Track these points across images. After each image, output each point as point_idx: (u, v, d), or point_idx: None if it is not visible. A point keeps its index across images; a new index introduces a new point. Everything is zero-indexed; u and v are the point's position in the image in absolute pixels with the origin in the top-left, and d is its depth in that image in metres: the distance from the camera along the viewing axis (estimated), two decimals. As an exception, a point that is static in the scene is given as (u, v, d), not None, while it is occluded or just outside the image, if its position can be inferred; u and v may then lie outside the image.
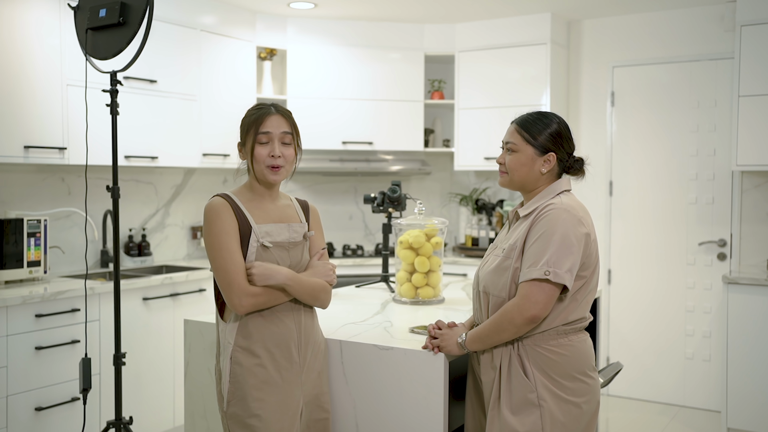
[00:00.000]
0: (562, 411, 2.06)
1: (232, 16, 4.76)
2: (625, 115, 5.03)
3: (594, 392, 2.14)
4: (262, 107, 2.21)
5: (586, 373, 2.11)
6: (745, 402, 4.04)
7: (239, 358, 2.12)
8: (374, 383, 2.28)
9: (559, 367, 2.07)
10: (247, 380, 2.11)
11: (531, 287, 2.01)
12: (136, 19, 2.95)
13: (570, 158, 2.20)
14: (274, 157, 2.16)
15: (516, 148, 2.18)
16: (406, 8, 4.87)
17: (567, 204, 2.09)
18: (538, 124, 2.17)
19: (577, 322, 2.11)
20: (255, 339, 2.12)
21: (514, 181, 2.20)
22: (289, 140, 2.20)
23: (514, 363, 2.08)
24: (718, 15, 4.69)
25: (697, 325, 4.78)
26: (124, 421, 3.12)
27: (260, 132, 2.16)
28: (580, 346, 2.11)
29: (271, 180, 2.19)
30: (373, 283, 3.52)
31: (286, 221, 2.23)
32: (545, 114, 2.21)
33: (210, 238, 2.12)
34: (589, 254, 2.08)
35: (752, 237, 4.58)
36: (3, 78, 3.50)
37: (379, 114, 5.21)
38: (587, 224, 2.10)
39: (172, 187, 4.81)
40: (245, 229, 2.14)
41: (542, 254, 2.02)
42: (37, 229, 3.68)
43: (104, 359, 3.65)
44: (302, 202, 2.36)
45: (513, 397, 2.07)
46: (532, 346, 2.08)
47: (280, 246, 2.18)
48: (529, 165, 2.16)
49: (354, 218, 5.62)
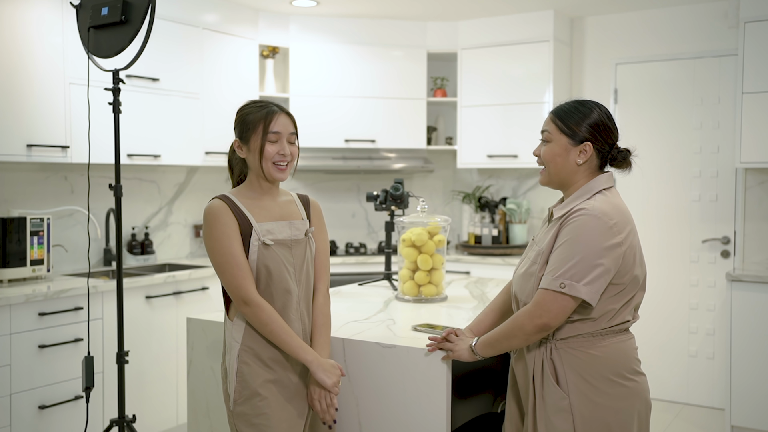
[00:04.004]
0: (596, 417, 1.96)
1: (234, 14, 4.75)
2: (629, 112, 5.02)
3: (633, 396, 2.01)
4: (264, 105, 2.22)
5: (625, 376, 2.00)
6: (749, 399, 4.03)
7: (246, 358, 2.13)
8: (377, 381, 2.27)
9: (595, 369, 1.97)
10: (255, 379, 2.11)
11: (545, 296, 1.93)
12: (138, 18, 2.95)
13: (612, 149, 2.08)
14: (284, 156, 2.18)
15: (550, 138, 2.07)
16: (408, 6, 4.87)
17: (599, 209, 1.95)
18: (574, 113, 2.05)
19: (617, 326, 2.01)
20: (262, 338, 2.13)
21: (551, 174, 2.08)
22: (294, 140, 2.24)
23: (547, 369, 2.00)
24: (721, 11, 4.68)
25: (701, 322, 4.77)
26: (127, 420, 3.12)
27: (271, 131, 2.17)
28: (619, 347, 2.00)
29: (278, 177, 2.20)
30: (376, 281, 3.52)
31: (287, 218, 2.23)
32: (583, 102, 2.09)
33: (211, 242, 2.13)
34: (625, 263, 1.95)
35: (756, 234, 4.56)
36: (5, 77, 3.51)
37: (381, 112, 5.20)
38: (622, 230, 1.95)
39: (174, 185, 4.81)
40: (246, 228, 2.14)
41: (562, 264, 1.92)
42: (40, 228, 3.69)
43: (107, 357, 3.65)
44: (303, 197, 2.36)
45: (546, 405, 1.99)
46: (566, 349, 1.99)
47: (282, 244, 2.18)
48: (564, 155, 2.04)
49: (357, 216, 5.61)
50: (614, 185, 2.10)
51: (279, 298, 2.15)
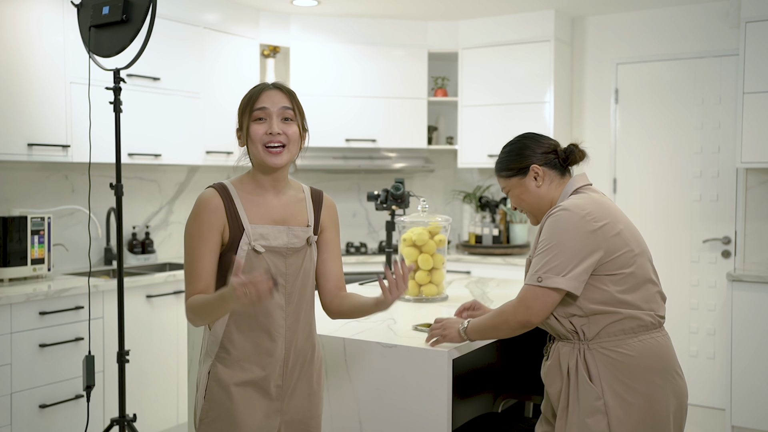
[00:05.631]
0: (631, 417, 1.96)
1: (235, 13, 4.76)
2: (629, 112, 5.02)
3: (669, 397, 2.00)
4: (259, 83, 1.99)
5: (659, 374, 2.00)
6: (750, 400, 4.03)
7: (217, 375, 1.93)
8: (378, 381, 2.27)
9: (629, 368, 1.97)
10: (223, 401, 1.92)
11: (527, 292, 2.01)
12: (139, 17, 2.95)
13: (558, 153, 2.16)
14: (272, 135, 1.90)
15: (509, 188, 2.20)
16: (409, 5, 4.86)
17: (572, 204, 2.02)
18: (506, 157, 2.19)
19: (643, 317, 2.00)
20: (236, 356, 1.94)
21: (533, 212, 2.19)
22: (291, 116, 1.93)
23: (581, 369, 2.00)
24: (722, 11, 4.67)
25: (702, 322, 4.77)
26: (127, 419, 3.12)
27: (256, 108, 1.90)
28: (652, 345, 2.01)
29: (270, 163, 1.91)
30: (377, 281, 3.52)
31: (287, 223, 1.98)
32: (507, 144, 2.23)
33: (185, 234, 1.92)
34: (613, 250, 1.98)
35: (757, 234, 4.56)
36: (6, 76, 3.51)
37: (382, 111, 5.20)
38: (598, 220, 1.99)
39: (175, 184, 4.81)
40: (236, 230, 1.91)
41: (541, 259, 2.00)
42: (40, 227, 3.69)
43: (108, 357, 3.65)
44: (316, 193, 2.08)
45: (580, 405, 1.98)
46: (598, 349, 2.00)
47: (275, 251, 1.94)
48: (525, 191, 2.16)
49: (357, 216, 5.62)
50: (590, 183, 2.17)
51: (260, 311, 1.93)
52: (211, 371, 1.95)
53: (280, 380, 1.98)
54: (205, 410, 1.95)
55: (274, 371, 1.96)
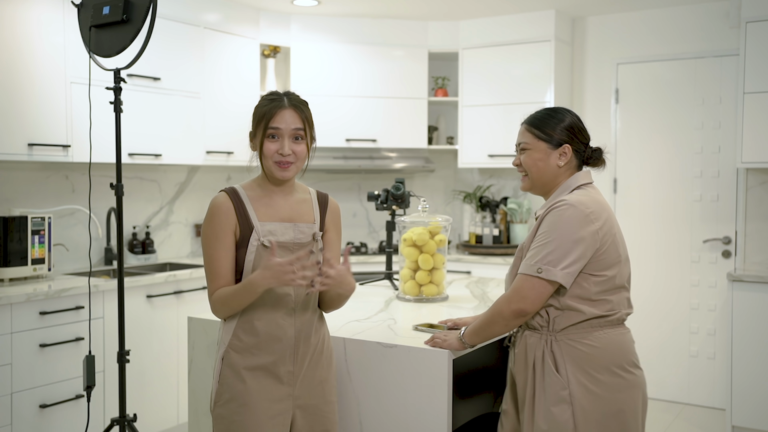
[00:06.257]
0: (596, 407, 2.01)
1: (235, 13, 4.76)
2: (630, 112, 5.02)
3: (632, 388, 2.07)
4: (275, 98, 2.11)
5: (624, 368, 2.06)
6: (750, 400, 4.03)
7: (230, 360, 2.08)
8: (378, 381, 2.27)
9: (594, 360, 2.03)
10: (235, 384, 2.06)
11: (523, 281, 2.02)
12: (140, 17, 2.94)
13: (587, 149, 2.19)
14: (283, 155, 2.08)
15: (528, 146, 2.17)
16: (409, 5, 4.86)
17: (577, 200, 2.04)
18: (548, 120, 2.16)
19: (611, 315, 2.07)
20: (248, 343, 2.08)
21: (533, 179, 2.17)
22: (302, 135, 2.11)
23: (547, 360, 2.05)
24: (722, 11, 4.67)
25: (702, 322, 4.77)
26: (128, 419, 3.12)
27: (270, 127, 2.07)
28: (616, 339, 2.07)
29: (280, 176, 2.10)
30: (377, 281, 3.52)
31: (294, 220, 2.13)
32: (555, 109, 2.20)
33: (203, 237, 2.10)
34: (604, 251, 2.04)
35: (757, 234, 4.56)
36: (6, 76, 3.51)
37: (382, 111, 5.20)
38: (599, 220, 2.04)
39: (175, 184, 4.81)
40: (246, 228, 2.07)
41: (541, 250, 2.01)
42: (41, 227, 3.69)
43: (108, 357, 3.66)
44: (322, 196, 2.24)
45: (546, 395, 2.03)
46: (565, 341, 2.05)
47: (283, 246, 2.09)
48: (545, 159, 2.14)
49: (358, 216, 5.62)
50: (593, 182, 2.19)
51: (270, 301, 2.08)
52: (224, 357, 2.09)
53: (291, 366, 2.10)
54: (219, 393, 2.09)
55: (285, 357, 2.09)
